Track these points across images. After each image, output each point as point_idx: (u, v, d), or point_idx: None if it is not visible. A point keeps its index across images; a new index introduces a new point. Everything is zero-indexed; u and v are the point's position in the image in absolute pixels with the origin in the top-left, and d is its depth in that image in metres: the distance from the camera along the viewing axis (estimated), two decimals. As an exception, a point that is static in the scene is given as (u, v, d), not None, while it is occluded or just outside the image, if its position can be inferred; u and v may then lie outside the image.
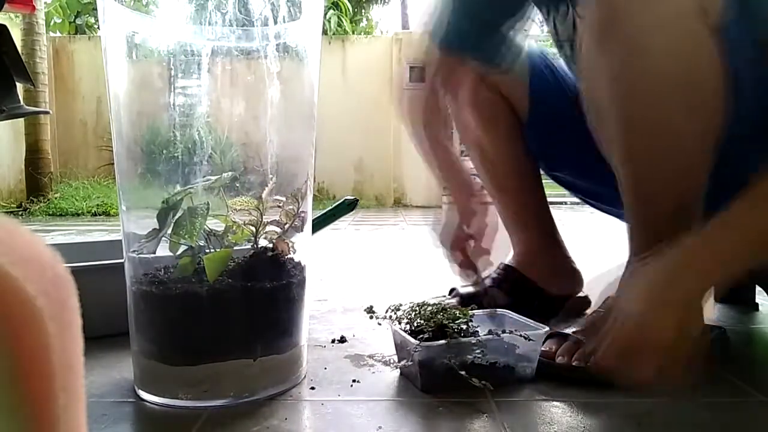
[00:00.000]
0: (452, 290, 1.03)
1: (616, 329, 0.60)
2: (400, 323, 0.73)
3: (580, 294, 1.05)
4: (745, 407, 0.63)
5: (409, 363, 0.69)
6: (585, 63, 0.70)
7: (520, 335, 0.69)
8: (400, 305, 0.75)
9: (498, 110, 0.99)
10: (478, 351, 0.67)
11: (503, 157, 1.02)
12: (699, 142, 0.66)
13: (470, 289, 1.01)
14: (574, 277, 1.05)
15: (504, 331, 0.71)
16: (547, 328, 0.71)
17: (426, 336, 0.69)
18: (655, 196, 0.70)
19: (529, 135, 1.00)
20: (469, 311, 0.73)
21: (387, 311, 0.75)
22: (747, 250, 0.60)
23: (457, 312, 0.72)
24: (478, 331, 0.71)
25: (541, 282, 1.01)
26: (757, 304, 1.08)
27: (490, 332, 0.71)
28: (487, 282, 1.01)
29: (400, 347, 0.73)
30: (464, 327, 0.70)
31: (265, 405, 0.63)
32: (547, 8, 0.88)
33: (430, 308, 0.73)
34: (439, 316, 0.71)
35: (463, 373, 0.64)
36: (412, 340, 0.67)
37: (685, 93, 0.63)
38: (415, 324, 0.72)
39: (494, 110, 0.99)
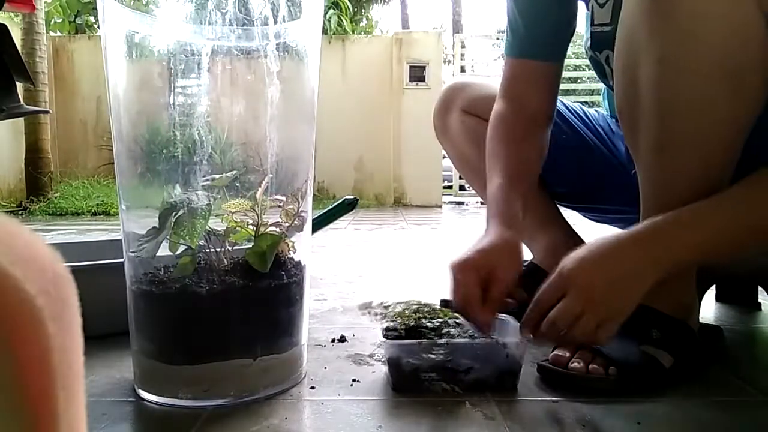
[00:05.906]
0: None
1: (557, 311, 0.63)
2: (390, 321, 0.72)
3: None
4: (745, 407, 0.63)
5: (383, 360, 0.69)
6: (626, 43, 0.69)
7: (498, 342, 0.66)
8: (394, 303, 0.75)
9: (481, 128, 0.98)
10: (442, 352, 0.64)
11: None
12: (736, 132, 0.65)
13: None
14: None
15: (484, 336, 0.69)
16: (531, 337, 0.66)
17: (396, 334, 0.68)
18: (681, 187, 0.68)
19: None
20: (452, 312, 0.71)
21: (376, 307, 0.74)
22: (700, 248, 0.63)
23: (440, 312, 0.71)
24: (453, 333, 0.68)
25: None
26: (759, 304, 1.08)
27: (469, 335, 0.68)
28: None
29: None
30: (439, 327, 0.68)
31: (265, 404, 0.63)
32: None
33: (414, 307, 0.72)
34: (418, 315, 0.69)
35: (433, 375, 0.63)
36: (381, 338, 0.67)
37: (731, 82, 0.62)
38: (396, 322, 0.70)
39: (477, 129, 0.99)
